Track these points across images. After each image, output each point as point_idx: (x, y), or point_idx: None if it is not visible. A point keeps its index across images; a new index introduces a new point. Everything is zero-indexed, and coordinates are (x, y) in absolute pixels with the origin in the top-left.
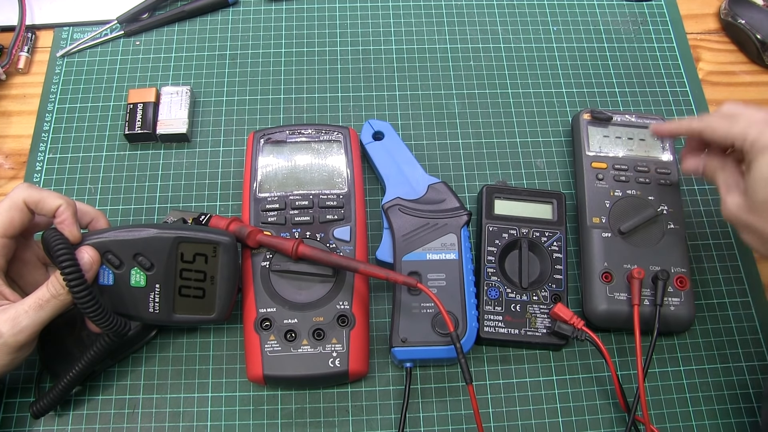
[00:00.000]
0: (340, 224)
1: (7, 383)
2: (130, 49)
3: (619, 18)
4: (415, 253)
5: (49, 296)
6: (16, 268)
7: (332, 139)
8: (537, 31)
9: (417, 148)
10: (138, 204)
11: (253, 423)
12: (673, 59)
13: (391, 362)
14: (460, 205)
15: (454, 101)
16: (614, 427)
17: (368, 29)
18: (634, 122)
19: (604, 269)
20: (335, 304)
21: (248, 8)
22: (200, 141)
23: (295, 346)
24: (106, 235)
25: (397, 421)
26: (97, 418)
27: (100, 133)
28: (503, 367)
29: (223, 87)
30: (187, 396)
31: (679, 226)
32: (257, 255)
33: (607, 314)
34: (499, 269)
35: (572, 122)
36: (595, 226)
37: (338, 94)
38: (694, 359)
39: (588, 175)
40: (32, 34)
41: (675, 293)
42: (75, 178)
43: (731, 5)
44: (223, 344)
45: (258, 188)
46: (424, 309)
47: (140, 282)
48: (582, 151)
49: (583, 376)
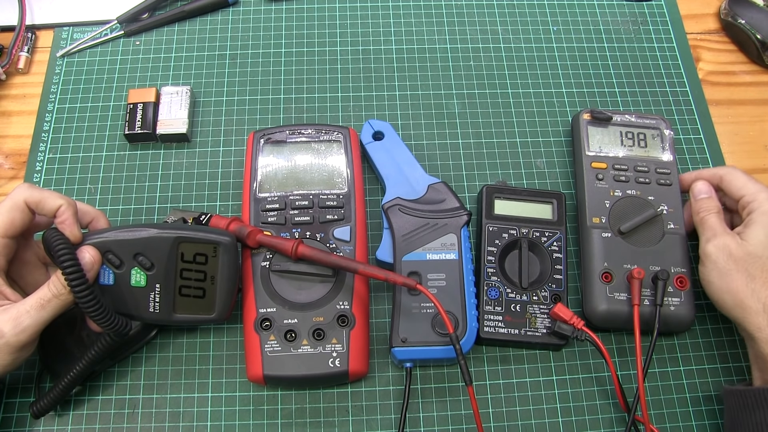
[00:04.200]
0: (340, 224)
1: (7, 383)
2: (130, 49)
3: (619, 18)
4: (415, 253)
5: (51, 296)
6: (17, 268)
7: (332, 139)
8: (537, 31)
9: (417, 148)
10: (138, 204)
11: (253, 423)
12: (673, 59)
13: (391, 362)
14: (460, 205)
15: (454, 101)
16: (614, 427)
17: (368, 29)
18: (634, 122)
19: (604, 269)
20: (335, 304)
21: (248, 8)
22: (200, 141)
23: (295, 346)
24: (107, 235)
25: (397, 421)
26: (97, 418)
27: (100, 133)
28: (503, 367)
29: (223, 87)
30: (187, 396)
31: (679, 226)
32: (257, 255)
33: (608, 314)
34: (499, 269)
35: (572, 122)
36: (595, 226)
37: (338, 94)
38: (694, 359)
39: (588, 175)
40: (32, 34)
41: (675, 293)
42: (75, 178)
43: (731, 5)
44: (223, 344)
45: (258, 188)
46: (424, 309)
47: (140, 282)
48: (582, 151)
49: (583, 376)
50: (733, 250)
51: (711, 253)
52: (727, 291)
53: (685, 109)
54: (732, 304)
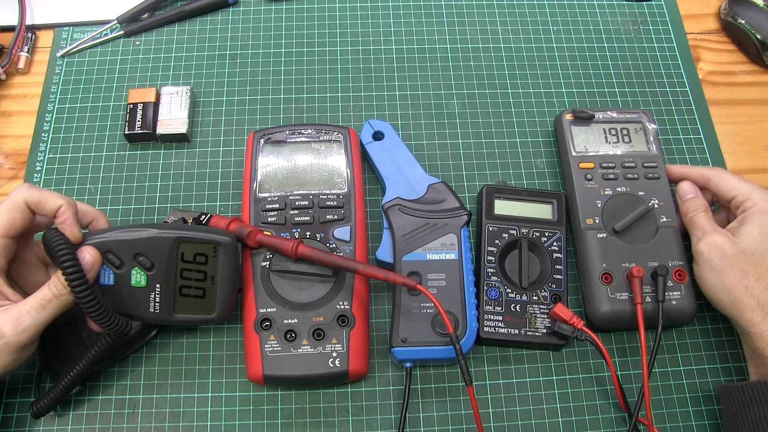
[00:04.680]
0: (340, 224)
1: (7, 383)
2: (130, 49)
3: (619, 18)
4: (415, 253)
5: (51, 296)
6: (17, 268)
7: (332, 139)
8: (537, 31)
9: (417, 148)
10: (138, 204)
11: (253, 423)
12: (673, 59)
13: (391, 362)
14: (460, 205)
15: (454, 101)
16: (614, 427)
17: (368, 29)
18: (616, 118)
19: (603, 270)
20: (335, 304)
21: (248, 8)
22: (200, 141)
23: (295, 346)
24: (107, 235)
25: (397, 421)
26: (97, 418)
27: (100, 133)
28: (503, 367)
29: (223, 87)
30: (187, 396)
31: (672, 219)
32: (257, 255)
33: (611, 315)
34: (499, 269)
35: (555, 124)
36: (590, 227)
37: (338, 94)
38: (694, 359)
39: (576, 176)
40: (32, 34)
41: (675, 287)
42: (75, 178)
43: (731, 5)
44: (223, 344)
45: (258, 188)
46: (424, 309)
47: (141, 282)
48: (568, 152)
49: (583, 376)
50: (726, 248)
51: (704, 252)
52: (722, 288)
53: (685, 109)
54: (727, 301)
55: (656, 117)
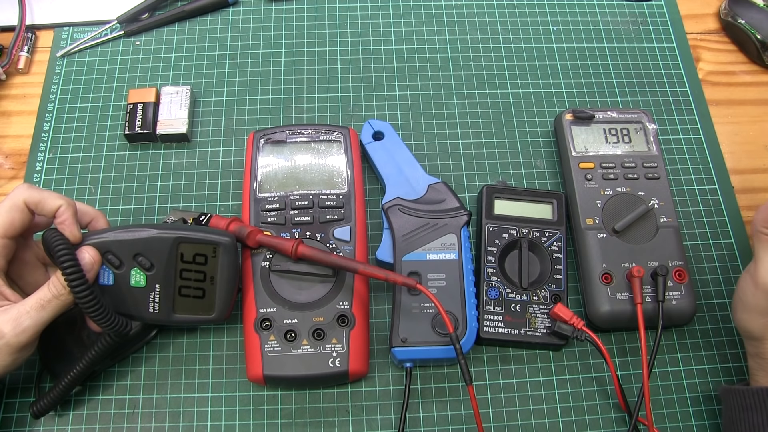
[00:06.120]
0: (340, 224)
1: (7, 383)
2: (130, 49)
3: (619, 18)
4: (415, 253)
5: (51, 296)
6: (17, 268)
7: (332, 139)
8: (537, 31)
9: (417, 148)
10: (138, 204)
11: (253, 423)
12: (673, 59)
13: (391, 362)
14: (460, 205)
15: (454, 101)
16: (614, 427)
17: (368, 29)
18: (616, 118)
19: (603, 270)
20: (335, 304)
21: (248, 8)
22: (200, 141)
23: (295, 346)
24: (107, 236)
25: (397, 421)
26: (97, 418)
27: (100, 133)
28: (503, 367)
29: (223, 87)
30: (187, 396)
31: (672, 219)
32: (257, 255)
33: (611, 315)
34: (499, 269)
35: (555, 124)
36: (590, 227)
37: (338, 94)
38: (694, 359)
39: (576, 176)
40: (32, 34)
41: (675, 287)
42: (75, 178)
43: (731, 5)
44: (223, 344)
45: (258, 188)
46: (424, 309)
47: (140, 282)
48: (568, 152)
49: (583, 376)
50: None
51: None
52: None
53: (685, 109)
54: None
55: (656, 117)
